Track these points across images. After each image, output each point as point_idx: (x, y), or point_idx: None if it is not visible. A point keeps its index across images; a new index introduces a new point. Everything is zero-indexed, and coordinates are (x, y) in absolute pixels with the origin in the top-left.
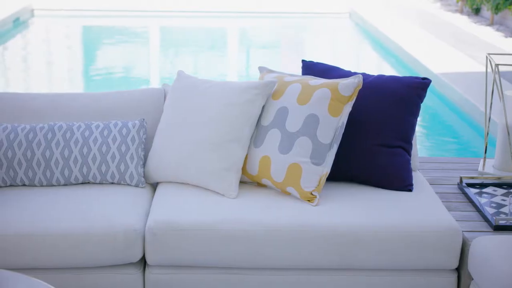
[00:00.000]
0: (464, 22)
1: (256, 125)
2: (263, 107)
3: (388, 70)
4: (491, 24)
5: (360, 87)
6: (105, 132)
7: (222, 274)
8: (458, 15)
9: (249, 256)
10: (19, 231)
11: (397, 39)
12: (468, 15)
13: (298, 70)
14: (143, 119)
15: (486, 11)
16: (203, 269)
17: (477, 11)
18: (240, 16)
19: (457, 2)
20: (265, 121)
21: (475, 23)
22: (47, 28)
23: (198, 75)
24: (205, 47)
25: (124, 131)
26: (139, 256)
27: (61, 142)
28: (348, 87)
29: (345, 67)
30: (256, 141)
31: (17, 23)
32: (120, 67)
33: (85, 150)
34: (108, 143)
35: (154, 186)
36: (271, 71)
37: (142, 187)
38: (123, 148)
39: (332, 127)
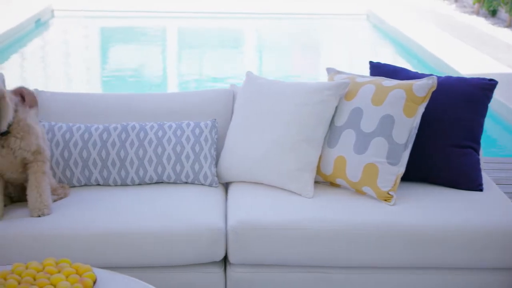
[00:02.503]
0: (482, 24)
1: (329, 126)
2: (336, 107)
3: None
4: (509, 25)
5: (434, 88)
6: (178, 132)
7: (302, 272)
8: (474, 16)
9: (329, 254)
10: (103, 231)
11: (419, 40)
12: (485, 16)
13: (315, 71)
14: (215, 119)
15: (503, 13)
16: (284, 267)
17: (493, 13)
18: (257, 17)
19: (474, 4)
20: (339, 122)
21: (493, 24)
22: (67, 28)
23: (216, 76)
24: (222, 48)
25: (197, 131)
26: (222, 255)
27: (135, 142)
28: (423, 88)
29: (365, 67)
30: (330, 141)
31: (39, 24)
32: (138, 67)
33: (159, 150)
34: (182, 143)
35: (224, 185)
36: (339, 72)
37: (215, 187)
38: (197, 148)
39: (407, 128)
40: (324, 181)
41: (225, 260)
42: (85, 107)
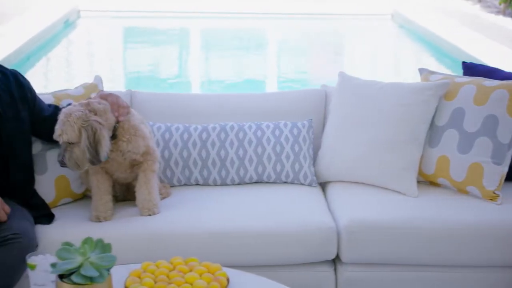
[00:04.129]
0: (510, 24)
1: (430, 126)
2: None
3: (445, 71)
4: None
5: None
6: (277, 132)
7: (412, 271)
8: (501, 16)
9: (440, 253)
10: (214, 230)
11: (451, 40)
12: None
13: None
14: (311, 119)
15: None
16: (394, 266)
17: None
18: (281, 17)
19: (500, 4)
20: (440, 122)
21: None
22: (94, 28)
23: (237, 77)
24: (243, 49)
25: (295, 131)
26: (334, 254)
27: (234, 142)
28: None
29: (394, 68)
30: (431, 141)
31: (67, 24)
32: (164, 67)
33: (259, 150)
34: (281, 143)
35: (321, 185)
36: (433, 72)
37: (314, 186)
38: (296, 148)
39: (510, 128)
40: (424, 180)
41: (334, 259)
42: (179, 107)
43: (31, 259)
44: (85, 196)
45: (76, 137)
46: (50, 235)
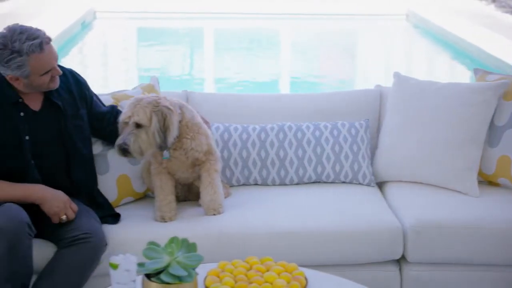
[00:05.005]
0: None
1: (489, 126)
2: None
3: (465, 71)
4: None
5: None
6: (335, 132)
7: (480, 271)
8: None
9: (508, 253)
10: (281, 229)
11: (470, 39)
12: None
13: (353, 73)
14: (367, 119)
15: None
16: (462, 266)
17: None
18: (294, 18)
19: None
20: (500, 122)
21: None
22: (111, 29)
23: (254, 77)
24: (257, 49)
25: (352, 131)
26: (400, 253)
27: (293, 142)
28: None
29: (412, 68)
30: (491, 141)
31: (84, 25)
32: (178, 67)
33: (318, 150)
34: (340, 143)
35: (377, 185)
36: (489, 73)
37: (372, 186)
38: (355, 147)
39: None
40: (483, 180)
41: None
42: (235, 107)
43: (113, 259)
44: (146, 196)
45: (147, 120)
46: (117, 235)
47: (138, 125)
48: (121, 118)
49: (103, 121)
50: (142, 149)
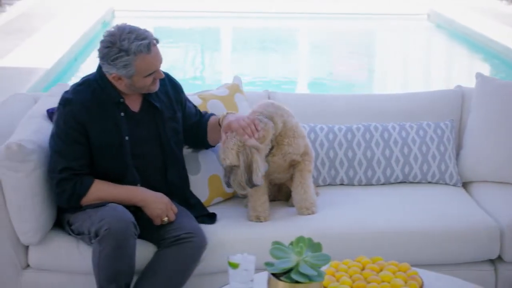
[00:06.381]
0: None
1: None
2: None
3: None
4: None
5: None
6: (421, 133)
7: None
8: None
9: None
10: (377, 229)
11: (500, 40)
12: None
13: (372, 73)
14: (452, 120)
15: None
16: None
17: None
18: (314, 17)
19: None
20: None
21: None
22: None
23: (268, 77)
24: (275, 49)
25: (438, 131)
26: (497, 253)
27: (380, 142)
28: None
29: (436, 68)
30: None
31: (105, 25)
32: (195, 66)
33: (405, 150)
34: (427, 143)
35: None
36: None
37: (458, 186)
38: (442, 148)
39: None
40: None
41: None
42: (319, 108)
43: (232, 258)
44: (234, 196)
45: (236, 161)
46: (214, 235)
47: (234, 165)
48: (220, 160)
49: (192, 129)
50: (241, 185)
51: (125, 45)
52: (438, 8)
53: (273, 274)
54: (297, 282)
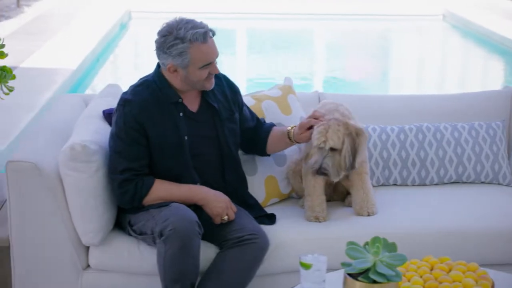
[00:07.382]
0: None
1: None
2: None
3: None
4: None
5: None
6: (473, 133)
7: None
8: None
9: None
10: (436, 229)
11: None
12: None
13: (386, 75)
14: (503, 120)
15: None
16: None
17: None
18: (328, 18)
19: None
20: None
21: None
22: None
23: (283, 77)
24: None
25: (490, 132)
26: None
27: (433, 143)
28: None
29: (453, 68)
30: None
31: (122, 27)
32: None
33: (459, 150)
34: (479, 143)
35: None
36: None
37: (511, 187)
38: (494, 148)
39: None
40: None
41: None
42: (370, 108)
43: (304, 259)
44: (290, 197)
45: (340, 144)
46: (275, 235)
47: (332, 149)
48: (315, 143)
49: (247, 132)
50: (338, 171)
51: (181, 33)
52: (453, 9)
53: (349, 274)
54: (374, 282)
